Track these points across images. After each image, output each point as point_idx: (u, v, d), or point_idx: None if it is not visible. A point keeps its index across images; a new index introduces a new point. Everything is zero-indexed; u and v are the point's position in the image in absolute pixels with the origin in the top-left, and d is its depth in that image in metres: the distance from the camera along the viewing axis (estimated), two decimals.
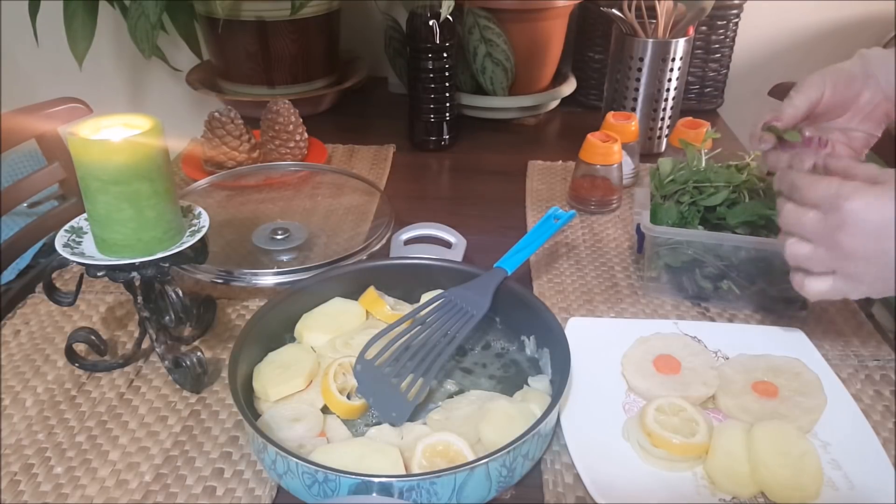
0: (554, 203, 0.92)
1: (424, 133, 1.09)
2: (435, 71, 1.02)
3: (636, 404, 0.59)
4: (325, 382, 0.57)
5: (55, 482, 0.52)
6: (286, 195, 0.91)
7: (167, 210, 0.55)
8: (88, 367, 0.63)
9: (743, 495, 0.51)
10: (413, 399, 0.56)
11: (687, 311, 0.72)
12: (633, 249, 0.83)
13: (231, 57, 1.17)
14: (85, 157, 0.52)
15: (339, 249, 0.77)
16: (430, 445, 0.51)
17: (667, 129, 1.07)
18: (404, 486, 0.46)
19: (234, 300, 0.73)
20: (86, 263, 0.55)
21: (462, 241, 0.77)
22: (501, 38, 1.11)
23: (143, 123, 0.53)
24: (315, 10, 1.13)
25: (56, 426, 0.57)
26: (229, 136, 0.93)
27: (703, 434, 0.53)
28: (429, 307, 0.63)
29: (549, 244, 0.83)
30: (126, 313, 0.71)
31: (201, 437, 0.56)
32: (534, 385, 0.60)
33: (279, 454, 0.48)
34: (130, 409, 0.59)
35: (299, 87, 1.19)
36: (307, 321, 0.65)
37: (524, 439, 0.49)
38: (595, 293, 0.75)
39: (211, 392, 0.61)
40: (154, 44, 1.08)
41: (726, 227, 0.70)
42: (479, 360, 0.64)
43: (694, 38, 1.03)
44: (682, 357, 0.63)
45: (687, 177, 0.73)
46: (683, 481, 0.52)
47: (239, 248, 0.79)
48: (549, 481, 0.53)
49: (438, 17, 0.97)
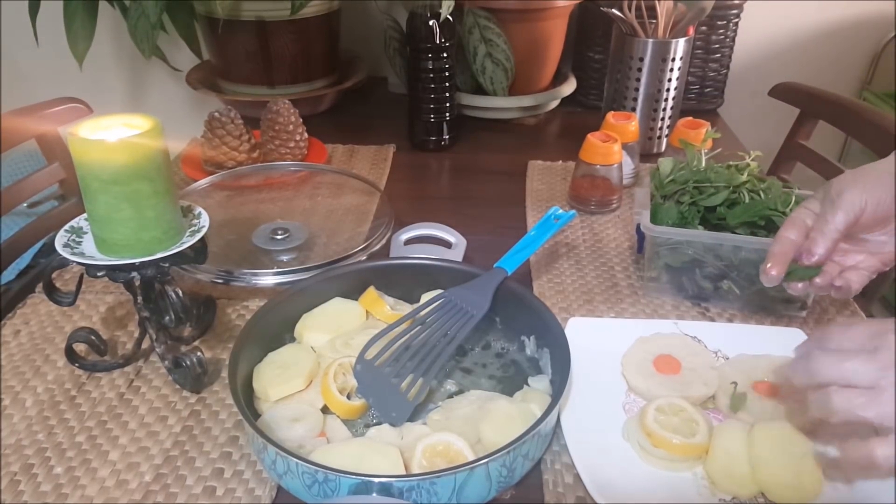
0: (554, 203, 0.92)
1: (424, 133, 1.09)
2: (435, 71, 1.02)
3: (636, 404, 0.59)
4: (325, 382, 0.57)
5: (55, 482, 0.52)
6: (286, 195, 0.91)
7: (167, 210, 0.55)
8: (88, 367, 0.63)
9: (743, 495, 0.51)
10: (413, 399, 0.56)
11: (687, 311, 0.72)
12: (633, 249, 0.83)
13: (231, 57, 1.17)
14: (85, 157, 0.51)
15: (339, 249, 0.77)
16: (430, 445, 0.51)
17: (667, 129, 1.07)
18: (404, 487, 0.46)
19: (234, 300, 0.73)
20: (86, 263, 0.55)
21: (462, 241, 0.77)
22: (501, 38, 1.11)
23: (143, 123, 0.53)
24: (315, 10, 1.13)
25: (56, 426, 0.57)
26: (229, 136, 0.93)
27: (703, 434, 0.53)
28: (429, 307, 0.63)
29: (549, 244, 0.83)
30: (126, 313, 0.71)
31: (201, 437, 0.56)
32: (534, 385, 0.60)
33: (279, 454, 0.48)
34: (130, 409, 0.59)
35: (299, 87, 1.19)
36: (307, 321, 0.65)
37: (524, 439, 0.49)
38: (595, 293, 0.75)
39: (211, 392, 0.61)
40: (154, 44, 1.08)
41: (726, 227, 0.70)
42: (479, 360, 0.64)
43: (694, 38, 1.03)
44: (682, 357, 0.63)
45: (687, 177, 0.73)
46: (683, 481, 0.52)
47: (239, 248, 0.79)
48: (549, 481, 0.53)
49: (438, 17, 0.97)
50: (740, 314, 0.72)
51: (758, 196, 0.71)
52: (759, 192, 0.71)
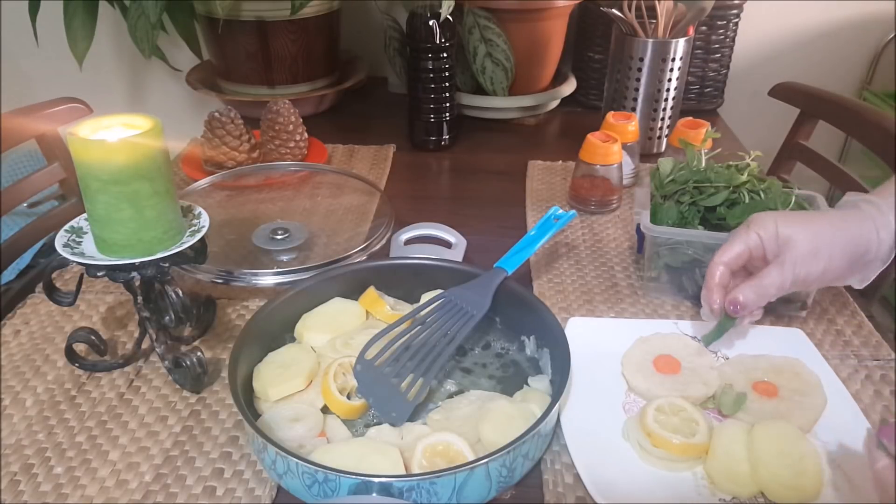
0: (554, 203, 0.92)
1: (424, 133, 1.09)
2: (435, 71, 1.02)
3: (636, 404, 0.59)
4: (325, 382, 0.57)
5: (55, 482, 0.52)
6: (286, 195, 0.91)
7: (167, 210, 0.55)
8: (88, 367, 0.63)
9: (743, 495, 0.51)
10: (413, 399, 0.56)
11: (687, 311, 0.72)
12: (633, 249, 0.83)
13: (231, 57, 1.17)
14: (85, 157, 0.52)
15: (339, 249, 0.77)
16: (430, 445, 0.51)
17: (667, 129, 1.07)
18: (404, 486, 0.46)
19: (234, 300, 0.73)
20: (86, 263, 0.55)
21: (462, 241, 0.77)
22: (501, 38, 1.11)
23: (143, 123, 0.53)
24: (315, 10, 1.13)
25: (56, 426, 0.57)
26: (229, 136, 0.93)
27: (703, 434, 0.53)
28: (429, 307, 0.63)
29: (549, 244, 0.83)
30: (126, 313, 0.71)
31: (201, 437, 0.56)
32: (534, 385, 0.60)
33: (279, 454, 0.48)
34: (130, 409, 0.59)
35: (299, 87, 1.19)
36: (307, 321, 0.65)
37: (524, 439, 0.49)
38: (595, 293, 0.75)
39: (211, 392, 0.61)
40: (154, 44, 1.08)
41: (726, 227, 0.70)
42: (479, 360, 0.64)
43: (694, 38, 1.03)
44: (682, 357, 0.63)
45: (687, 177, 0.73)
46: (683, 481, 0.52)
47: (239, 248, 0.79)
48: (549, 481, 0.53)
49: (438, 17, 0.97)
50: None
51: (758, 196, 0.71)
52: (759, 192, 0.71)
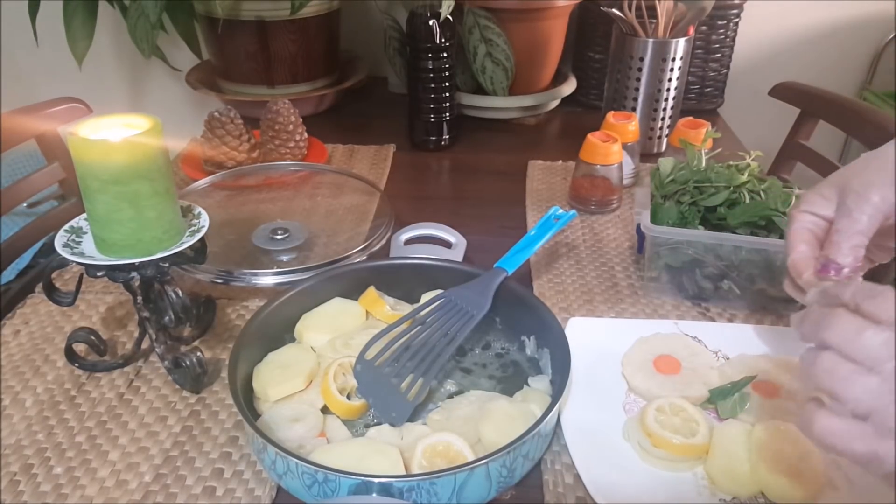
0: (554, 203, 0.92)
1: (424, 133, 1.09)
2: (435, 71, 1.02)
3: (636, 404, 0.59)
4: (325, 382, 0.57)
5: (55, 482, 0.52)
6: (286, 195, 0.91)
7: (167, 210, 0.55)
8: (88, 367, 0.63)
9: (743, 495, 0.51)
10: (413, 399, 0.56)
11: (687, 311, 0.72)
12: (633, 249, 0.83)
13: (231, 57, 1.17)
14: (85, 157, 0.51)
15: (339, 249, 0.77)
16: (430, 446, 0.51)
17: (667, 129, 1.07)
18: (404, 487, 0.46)
19: (234, 300, 0.73)
20: (85, 263, 0.55)
21: (462, 241, 0.77)
22: (501, 38, 1.11)
23: (143, 123, 0.53)
24: (315, 9, 1.13)
25: (56, 426, 0.57)
26: (229, 136, 0.93)
27: (703, 434, 0.53)
28: (429, 307, 0.63)
29: (549, 244, 0.83)
30: (126, 313, 0.71)
31: (201, 437, 0.56)
32: (534, 385, 0.60)
33: (279, 454, 0.48)
34: (130, 409, 0.59)
35: (299, 87, 1.19)
36: (307, 321, 0.65)
37: (524, 439, 0.49)
38: (595, 293, 0.75)
39: (211, 392, 0.61)
40: (154, 44, 1.09)
41: (726, 227, 0.70)
42: (479, 361, 0.64)
43: (694, 38, 1.03)
44: (683, 357, 0.63)
45: (687, 177, 0.73)
46: (683, 481, 0.52)
47: (239, 248, 0.79)
48: (549, 481, 0.53)
49: (438, 17, 0.97)
50: (740, 314, 0.72)
51: (758, 196, 0.71)
52: (760, 192, 0.71)
